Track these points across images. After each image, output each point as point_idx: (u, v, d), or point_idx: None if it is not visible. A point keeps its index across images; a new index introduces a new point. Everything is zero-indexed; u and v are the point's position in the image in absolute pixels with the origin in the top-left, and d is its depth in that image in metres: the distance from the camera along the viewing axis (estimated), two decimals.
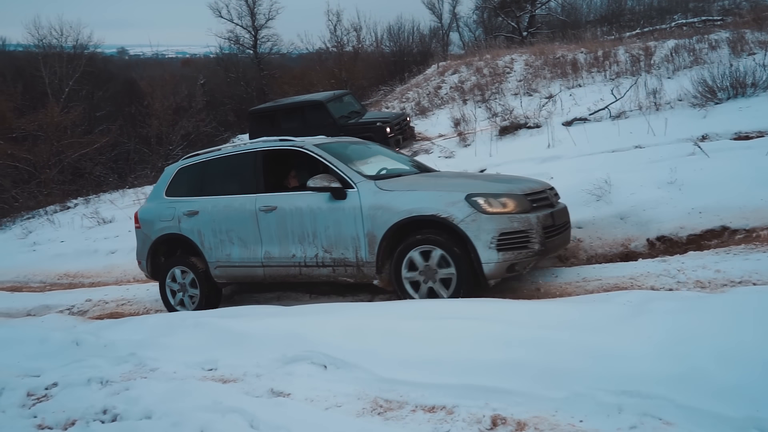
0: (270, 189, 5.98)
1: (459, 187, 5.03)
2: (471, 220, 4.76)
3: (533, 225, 4.86)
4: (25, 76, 26.37)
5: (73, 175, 21.65)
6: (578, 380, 3.05)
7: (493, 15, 36.20)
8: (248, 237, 5.98)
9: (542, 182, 5.81)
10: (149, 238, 6.72)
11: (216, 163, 6.51)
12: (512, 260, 4.81)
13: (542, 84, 15.96)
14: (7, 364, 5.23)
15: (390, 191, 5.20)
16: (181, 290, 6.59)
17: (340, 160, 5.62)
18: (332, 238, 5.45)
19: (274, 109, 15.12)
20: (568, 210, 5.76)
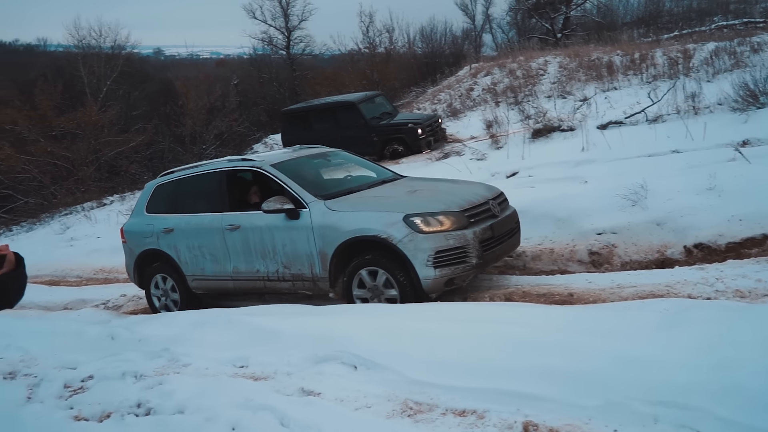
0: (235, 207, 6.26)
1: (399, 207, 5.21)
2: (408, 240, 4.98)
3: (469, 240, 5.06)
4: (65, 76, 27.01)
5: (110, 173, 22.13)
6: (613, 388, 2.99)
7: (526, 16, 35.90)
8: (218, 253, 6.32)
9: (492, 190, 5.92)
10: (134, 253, 7.10)
11: (187, 182, 6.80)
12: (450, 275, 5.02)
13: (576, 86, 15.75)
14: (45, 355, 5.36)
15: (338, 211, 5.43)
16: (164, 295, 6.98)
17: (295, 179, 5.84)
18: (290, 255, 5.75)
19: (306, 110, 15.23)
20: (517, 214, 5.96)
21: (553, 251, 6.49)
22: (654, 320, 3.54)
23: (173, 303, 6.92)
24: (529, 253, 6.61)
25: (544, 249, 6.59)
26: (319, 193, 5.73)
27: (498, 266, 6.64)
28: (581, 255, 6.28)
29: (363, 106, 14.21)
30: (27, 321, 7.02)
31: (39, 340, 5.78)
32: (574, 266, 6.26)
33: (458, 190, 5.72)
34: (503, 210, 5.72)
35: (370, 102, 14.72)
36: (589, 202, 6.85)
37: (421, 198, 5.52)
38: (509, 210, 5.85)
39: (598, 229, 6.43)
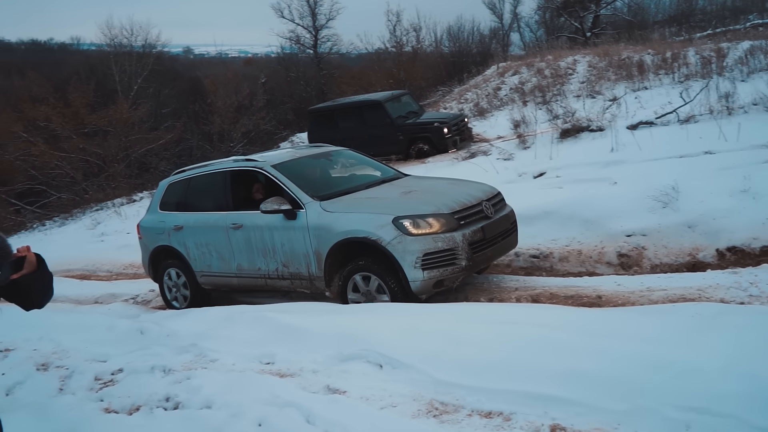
0: (239, 206, 6.39)
1: (390, 209, 5.26)
2: (397, 242, 5.06)
3: (458, 243, 5.09)
4: (98, 74, 27.51)
5: (139, 170, 22.50)
6: (643, 393, 2.94)
7: (555, 15, 35.53)
8: (223, 251, 6.50)
9: (487, 191, 5.89)
10: (148, 248, 7.36)
11: (196, 181, 7.00)
12: (438, 277, 5.07)
13: (606, 86, 15.55)
14: (76, 348, 5.47)
15: (332, 212, 5.53)
16: (175, 289, 7.22)
17: (294, 179, 5.95)
18: (288, 254, 5.89)
19: (332, 109, 15.27)
20: (514, 214, 5.97)
21: (581, 253, 6.42)
22: (685, 325, 3.48)
23: (183, 298, 7.14)
24: (556, 254, 6.54)
25: (571, 250, 6.51)
26: (316, 193, 5.81)
27: (524, 267, 6.61)
28: (610, 257, 6.20)
29: (389, 105, 14.19)
30: (59, 314, 7.18)
31: (71, 332, 5.90)
32: (602, 268, 6.18)
33: (452, 192, 5.70)
34: (498, 211, 5.70)
35: (396, 101, 14.70)
36: (619, 204, 6.76)
37: (413, 199, 5.55)
38: (505, 211, 5.84)
39: (628, 230, 6.34)
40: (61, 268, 11.54)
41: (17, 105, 22.67)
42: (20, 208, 22.01)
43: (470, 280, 6.18)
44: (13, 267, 2.35)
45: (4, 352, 5.67)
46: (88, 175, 21.47)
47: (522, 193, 8.16)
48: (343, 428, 3.13)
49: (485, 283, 5.98)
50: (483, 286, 5.85)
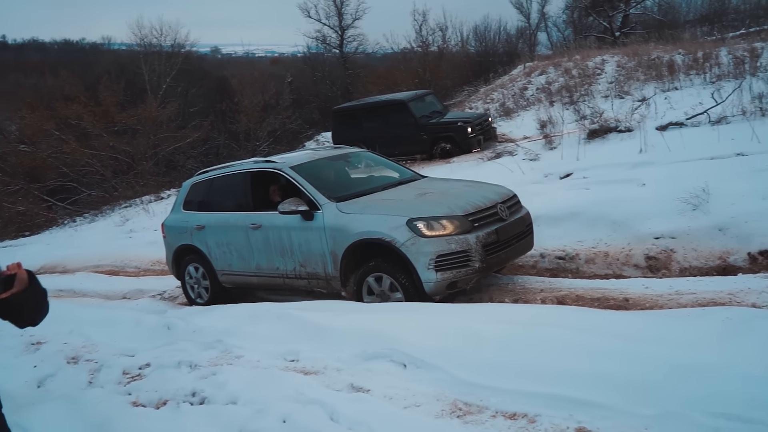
0: (258, 206, 6.49)
1: (404, 210, 5.32)
2: (411, 244, 5.10)
3: (472, 245, 5.12)
4: (128, 74, 28.00)
5: (167, 167, 22.83)
6: (671, 398, 2.90)
7: (583, 14, 35.13)
8: (243, 250, 6.61)
9: (503, 193, 5.92)
10: (172, 247, 7.52)
11: (218, 181, 7.11)
12: (451, 279, 5.11)
13: (635, 86, 15.32)
14: (105, 342, 5.58)
15: (348, 214, 5.59)
16: (197, 286, 7.35)
17: (312, 181, 6.04)
18: (305, 254, 5.97)
19: (356, 108, 15.31)
20: (530, 216, 6.00)
21: (607, 255, 6.34)
22: (716, 329, 3.41)
23: (205, 294, 7.29)
24: (582, 256, 6.47)
25: (598, 252, 6.44)
26: (332, 195, 5.88)
27: (550, 269, 6.55)
28: (637, 259, 6.11)
29: (413, 104, 14.20)
30: (89, 309, 7.33)
31: (100, 327, 6.01)
32: (629, 271, 6.09)
33: (467, 194, 5.72)
34: (513, 213, 5.72)
35: (420, 101, 14.69)
36: (647, 206, 6.66)
37: (428, 201, 5.58)
38: (520, 213, 5.84)
39: (656, 233, 6.24)
40: (90, 263, 11.77)
41: (50, 103, 23.15)
42: (52, 205, 22.49)
43: (495, 280, 6.15)
44: (2, 285, 2.27)
45: (36, 345, 5.81)
46: (117, 172, 21.84)
47: (548, 193, 8.10)
48: (367, 427, 3.14)
49: (510, 284, 5.94)
50: (508, 287, 5.81)
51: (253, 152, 24.79)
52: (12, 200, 21.71)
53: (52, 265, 12.80)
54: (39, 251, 15.04)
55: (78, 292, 9.55)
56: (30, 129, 22.48)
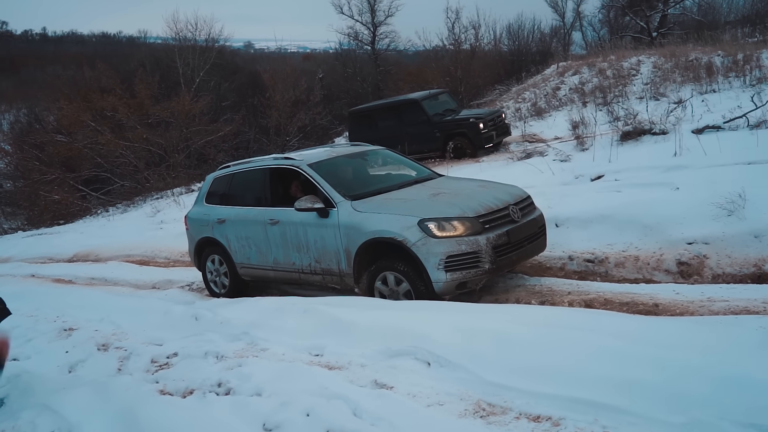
0: (276, 202, 6.65)
1: (417, 211, 5.39)
2: (422, 244, 5.19)
3: (482, 246, 5.19)
4: (162, 67, 28.37)
5: (198, 160, 23.12)
6: (700, 406, 2.84)
7: (620, 14, 34.52)
8: (261, 244, 6.76)
9: (516, 195, 5.96)
10: (194, 239, 7.74)
11: (239, 176, 7.28)
12: (461, 279, 5.19)
13: (671, 88, 15.02)
14: (134, 331, 5.69)
15: (362, 212, 5.70)
16: (217, 277, 7.55)
17: (328, 179, 6.15)
18: (320, 250, 6.10)
19: (371, 109, 15.60)
20: (543, 218, 6.07)
21: (638, 259, 6.24)
22: (748, 338, 3.34)
23: (223, 286, 7.49)
24: (612, 259, 6.38)
25: (628, 256, 6.33)
26: (348, 193, 5.99)
27: (578, 271, 6.47)
28: (669, 264, 6.00)
29: (426, 103, 14.40)
30: (119, 297, 7.48)
31: (129, 316, 6.14)
32: (660, 276, 5.98)
33: (480, 195, 5.76)
34: (525, 215, 5.76)
35: (434, 99, 14.89)
36: (680, 210, 6.52)
37: (440, 202, 5.63)
38: (532, 215, 5.89)
39: (689, 238, 6.12)
40: (121, 253, 12.01)
41: (87, 95, 23.60)
42: (86, 194, 22.98)
43: (521, 281, 6.10)
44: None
45: (68, 331, 5.95)
46: (149, 164, 22.19)
47: (578, 195, 8.00)
48: (390, 423, 3.14)
49: (537, 285, 5.89)
50: (535, 289, 5.77)
51: (283, 147, 24.98)
52: (48, 189, 22.24)
53: (85, 254, 13.10)
54: (73, 239, 15.39)
55: (109, 280, 9.76)
56: (67, 120, 22.95)
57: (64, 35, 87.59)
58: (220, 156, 22.77)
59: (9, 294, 4.45)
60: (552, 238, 7.10)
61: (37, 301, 7.26)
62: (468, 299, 5.67)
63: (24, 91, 43.26)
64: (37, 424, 3.79)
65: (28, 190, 23.54)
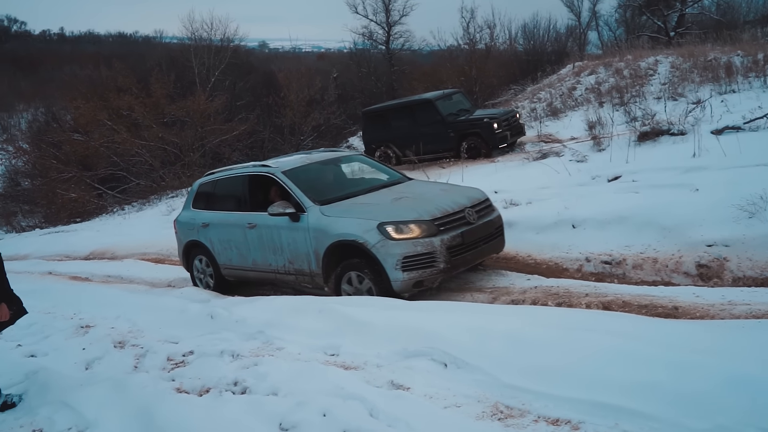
0: (255, 207, 6.98)
1: (377, 215, 5.75)
2: (380, 246, 5.55)
3: (437, 247, 5.55)
4: (178, 66, 28.47)
5: (213, 159, 23.19)
6: (723, 412, 2.79)
7: (637, 13, 34.22)
8: (241, 247, 7.13)
9: (474, 198, 6.28)
10: (182, 242, 8.15)
11: (221, 183, 7.68)
12: (417, 278, 5.55)
13: (689, 88, 14.84)
14: (150, 328, 5.72)
15: (329, 217, 6.08)
16: (203, 276, 7.95)
17: (300, 185, 6.50)
18: (293, 252, 6.47)
19: (385, 109, 15.57)
20: (500, 219, 6.43)
21: (656, 261, 6.16)
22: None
23: (209, 285, 7.85)
24: (630, 261, 6.31)
25: (646, 258, 6.26)
26: (318, 198, 6.36)
27: (595, 273, 6.40)
28: (688, 267, 5.92)
29: (440, 103, 14.34)
30: (136, 295, 7.52)
31: (146, 313, 6.17)
32: (679, 278, 5.91)
33: (439, 198, 6.11)
34: (481, 217, 6.09)
35: (448, 99, 14.81)
36: (700, 212, 6.44)
37: (400, 206, 5.99)
38: (489, 217, 6.21)
39: (709, 240, 6.03)
40: (137, 251, 12.09)
41: (104, 94, 23.78)
42: (102, 192, 23.18)
43: (538, 283, 6.05)
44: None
45: (85, 328, 6.00)
46: (165, 163, 22.31)
47: (595, 196, 7.93)
48: (406, 424, 3.12)
49: (554, 287, 5.84)
50: (551, 290, 5.71)
51: (297, 146, 25.01)
52: (65, 187, 22.45)
53: (101, 251, 13.20)
54: (89, 237, 15.53)
55: (125, 278, 9.82)
56: (84, 119, 23.13)
57: (82, 35, 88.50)
58: (234, 155, 22.85)
59: (27, 291, 4.48)
60: (569, 239, 7.06)
61: (54, 299, 7.33)
62: (483, 300, 5.64)
63: (42, 90, 43.68)
64: (54, 421, 3.82)
65: (45, 189, 23.78)
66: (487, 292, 5.84)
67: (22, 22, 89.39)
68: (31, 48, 73.19)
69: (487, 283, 6.28)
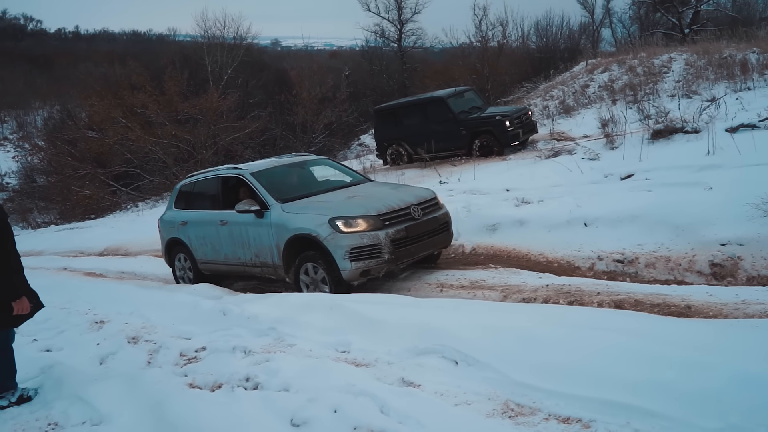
0: (227, 205, 7.47)
1: (330, 211, 6.32)
2: (331, 238, 6.11)
3: (381, 240, 6.11)
4: (191, 64, 28.58)
5: (226, 157, 23.29)
6: (735, 411, 2.77)
7: (651, 10, 33.90)
8: (215, 242, 7.69)
9: (421, 196, 6.81)
10: (164, 239, 8.75)
11: (199, 184, 8.29)
12: (364, 267, 6.11)
13: (704, 86, 14.70)
14: (163, 324, 5.77)
15: (288, 213, 6.63)
16: (183, 271, 8.54)
17: (265, 185, 7.06)
18: (258, 246, 6.99)
19: (397, 107, 15.49)
20: (447, 216, 6.98)
21: (669, 260, 6.13)
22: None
23: (189, 279, 8.42)
24: (642, 260, 6.28)
25: (659, 257, 6.23)
26: (279, 197, 6.90)
27: (607, 272, 6.38)
28: (701, 266, 5.88)
29: (452, 101, 14.23)
30: (149, 291, 7.59)
31: (159, 309, 6.23)
32: (692, 277, 5.87)
33: (388, 197, 6.67)
34: (426, 214, 6.61)
35: (459, 97, 14.70)
36: (713, 210, 6.40)
37: (351, 203, 6.51)
38: (435, 214, 6.74)
39: (723, 239, 5.99)
40: (150, 248, 12.17)
41: (118, 92, 23.94)
42: (116, 190, 23.37)
43: (549, 281, 6.03)
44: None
45: (99, 323, 6.06)
46: (178, 160, 22.45)
47: (607, 194, 7.90)
48: (417, 421, 3.13)
49: (565, 285, 5.81)
50: (563, 289, 5.69)
51: (309, 144, 25.07)
52: (80, 184, 22.66)
53: (115, 248, 13.32)
54: (103, 234, 15.67)
55: (138, 274, 9.91)
56: (98, 116, 23.31)
57: (96, 33, 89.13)
58: (247, 153, 22.94)
59: (42, 286, 4.53)
60: (581, 237, 7.04)
61: (69, 294, 7.41)
62: (495, 298, 5.63)
63: (57, 88, 44.11)
64: (69, 415, 3.87)
65: (60, 185, 24.03)
66: (499, 290, 5.83)
67: (38, 21, 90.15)
68: (46, 46, 73.85)
69: (498, 281, 6.27)
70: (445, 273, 6.81)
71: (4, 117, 54.67)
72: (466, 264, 7.31)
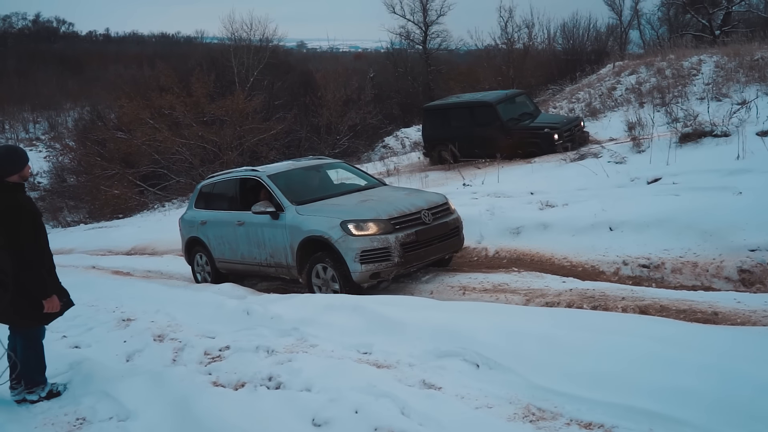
0: (244, 206, 7.61)
1: (342, 214, 6.45)
2: (342, 240, 6.24)
3: (391, 243, 6.23)
4: (218, 66, 28.96)
5: (251, 158, 23.52)
6: (759, 419, 2.74)
7: (680, 12, 33.42)
8: (232, 242, 7.88)
9: (432, 201, 6.89)
10: (185, 238, 8.95)
11: (219, 185, 8.50)
12: (374, 270, 6.22)
13: (734, 88, 14.44)
14: (188, 323, 5.85)
15: (302, 215, 6.77)
16: (201, 269, 8.73)
17: (281, 187, 7.23)
18: (273, 246, 7.17)
19: (446, 107, 15.25)
20: (458, 221, 7.03)
21: (696, 265, 6.03)
22: None
23: (207, 277, 8.59)
24: (668, 265, 6.19)
25: (686, 262, 6.14)
26: (295, 199, 7.05)
27: (632, 277, 6.30)
28: (729, 272, 5.78)
29: (501, 106, 13.79)
30: (175, 290, 7.71)
31: (184, 308, 6.32)
32: (719, 283, 5.77)
33: (400, 201, 6.77)
34: (437, 219, 6.70)
35: (510, 102, 14.24)
36: (743, 215, 6.28)
37: (363, 207, 6.63)
38: (445, 219, 6.81)
39: (752, 245, 5.87)
40: (176, 247, 12.29)
41: (146, 94, 24.35)
42: (144, 190, 23.74)
43: (574, 285, 5.98)
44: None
45: (126, 321, 6.17)
46: (204, 161, 22.73)
47: (633, 198, 7.80)
48: (438, 424, 3.14)
49: (589, 290, 5.76)
50: (587, 293, 5.64)
51: (333, 146, 25.20)
52: (108, 184, 23.09)
53: (142, 247, 13.54)
54: (131, 233, 15.94)
55: (165, 273, 10.06)
56: (127, 117, 23.73)
57: (126, 36, 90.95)
58: (272, 154, 23.13)
59: (71, 284, 4.63)
60: (606, 242, 6.96)
61: (97, 292, 7.56)
62: (518, 302, 5.61)
63: (88, 89, 45.02)
64: (97, 410, 3.95)
65: (90, 185, 24.50)
66: (522, 294, 5.80)
67: (70, 23, 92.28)
68: (78, 48, 75.44)
69: (521, 284, 6.24)
70: (468, 276, 6.79)
71: (36, 118, 55.95)
72: (489, 267, 7.28)
